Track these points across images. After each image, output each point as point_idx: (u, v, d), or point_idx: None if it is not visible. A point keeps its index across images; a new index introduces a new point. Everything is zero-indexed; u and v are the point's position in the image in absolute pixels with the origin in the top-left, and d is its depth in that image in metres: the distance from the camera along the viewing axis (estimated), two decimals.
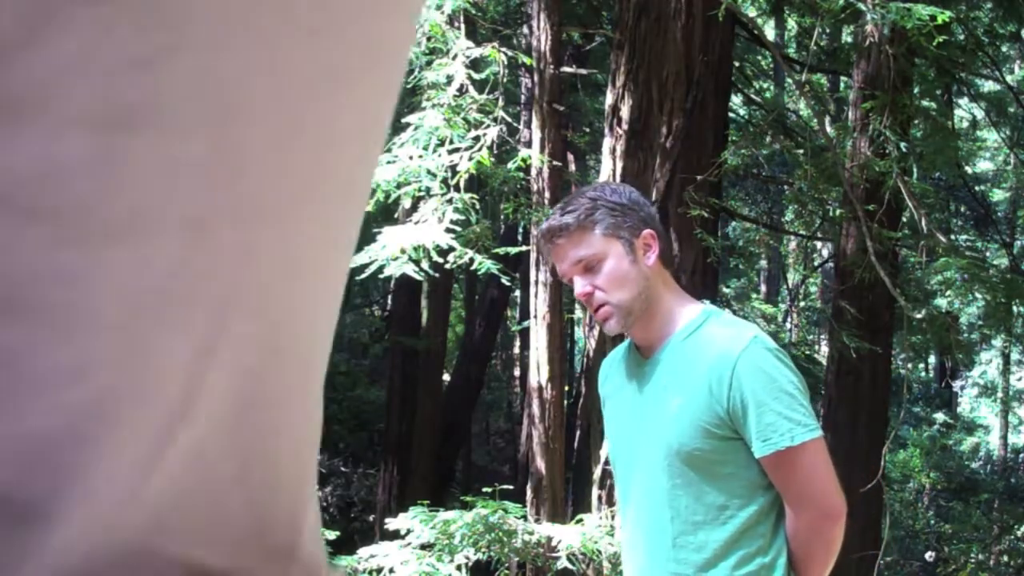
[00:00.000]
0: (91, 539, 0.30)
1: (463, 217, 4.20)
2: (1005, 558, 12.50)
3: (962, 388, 17.79)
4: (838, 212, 6.42)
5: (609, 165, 4.96)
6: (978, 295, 5.53)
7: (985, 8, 7.48)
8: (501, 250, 4.60)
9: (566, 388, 7.16)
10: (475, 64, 4.53)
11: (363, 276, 3.97)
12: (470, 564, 4.16)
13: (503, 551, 4.23)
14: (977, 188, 12.47)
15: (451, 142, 4.25)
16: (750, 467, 1.86)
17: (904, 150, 5.16)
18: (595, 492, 4.75)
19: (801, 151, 5.50)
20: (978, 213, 12.06)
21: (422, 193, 4.22)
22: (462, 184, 4.26)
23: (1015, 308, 5.92)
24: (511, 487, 4.84)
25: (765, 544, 1.88)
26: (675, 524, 1.90)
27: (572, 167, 9.75)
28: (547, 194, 5.11)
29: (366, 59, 0.35)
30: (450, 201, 4.19)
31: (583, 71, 8.13)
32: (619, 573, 2.01)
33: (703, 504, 1.87)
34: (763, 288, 17.02)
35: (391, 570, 4.03)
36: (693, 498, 1.88)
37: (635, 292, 1.90)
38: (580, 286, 1.91)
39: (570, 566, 4.29)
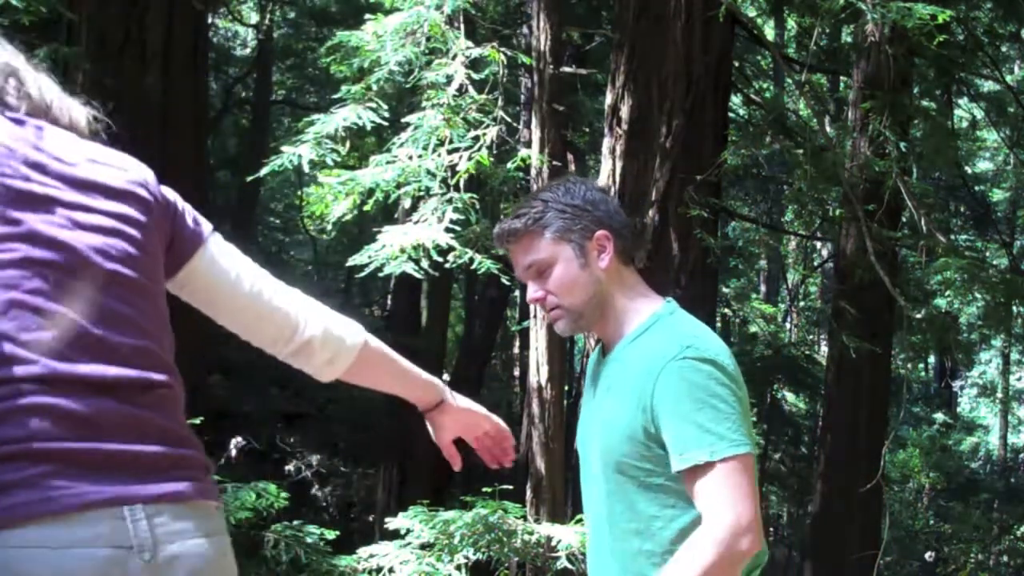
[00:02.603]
0: None
1: (463, 217, 4.19)
2: (1005, 558, 12.51)
3: (962, 388, 17.79)
4: (838, 212, 6.42)
5: (609, 165, 4.96)
6: (978, 295, 5.52)
7: (985, 8, 7.48)
8: (501, 250, 4.58)
9: (566, 388, 7.16)
10: (475, 64, 4.51)
11: (363, 276, 3.97)
12: (470, 564, 4.16)
13: (503, 551, 4.23)
14: (977, 188, 12.47)
15: (451, 142, 4.24)
16: (680, 479, 1.75)
17: (904, 150, 5.16)
18: None
19: (801, 151, 5.49)
20: (978, 213, 12.06)
21: (422, 193, 4.21)
22: (462, 184, 4.25)
23: (1015, 308, 5.91)
24: (511, 487, 4.82)
25: None
26: (612, 531, 1.85)
27: (572, 167, 9.74)
28: None
29: None
30: (450, 201, 4.18)
31: (583, 71, 8.12)
32: None
33: (635, 513, 1.80)
34: (763, 288, 17.01)
35: (391, 570, 4.03)
36: (626, 506, 1.81)
37: (586, 296, 1.85)
38: (532, 291, 1.90)
39: (570, 566, 4.29)
